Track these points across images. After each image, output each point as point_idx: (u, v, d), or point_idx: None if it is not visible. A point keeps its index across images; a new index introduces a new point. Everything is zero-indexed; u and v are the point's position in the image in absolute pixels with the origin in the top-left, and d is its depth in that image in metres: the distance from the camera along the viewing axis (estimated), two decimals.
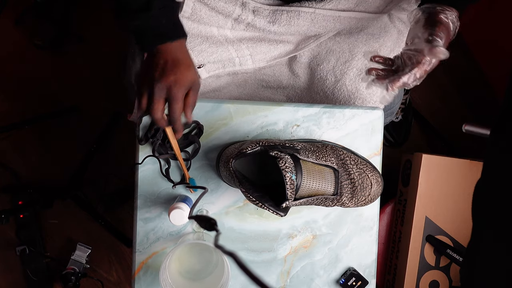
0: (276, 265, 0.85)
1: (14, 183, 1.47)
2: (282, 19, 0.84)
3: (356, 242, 0.86)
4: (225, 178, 0.78)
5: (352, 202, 0.77)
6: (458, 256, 1.14)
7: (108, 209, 1.47)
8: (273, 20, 0.85)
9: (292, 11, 0.84)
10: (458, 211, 1.17)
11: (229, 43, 0.89)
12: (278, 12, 0.84)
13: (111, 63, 1.48)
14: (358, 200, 0.77)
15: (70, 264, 1.33)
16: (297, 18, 0.84)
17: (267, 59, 0.91)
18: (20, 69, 1.51)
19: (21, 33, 1.50)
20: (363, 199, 0.78)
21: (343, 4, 0.84)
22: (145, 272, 0.83)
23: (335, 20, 0.86)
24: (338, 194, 0.75)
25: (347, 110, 0.85)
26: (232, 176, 0.73)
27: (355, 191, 0.77)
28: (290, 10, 0.84)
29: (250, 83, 0.96)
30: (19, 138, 1.49)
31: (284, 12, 0.84)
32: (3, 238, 1.45)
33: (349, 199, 0.76)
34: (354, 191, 0.77)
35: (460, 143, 1.50)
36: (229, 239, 0.84)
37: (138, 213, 0.83)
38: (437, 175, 1.17)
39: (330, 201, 0.75)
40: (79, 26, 1.53)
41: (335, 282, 0.86)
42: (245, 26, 0.87)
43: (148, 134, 0.81)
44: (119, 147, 1.50)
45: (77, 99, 1.50)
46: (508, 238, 0.55)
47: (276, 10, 0.84)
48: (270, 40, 0.90)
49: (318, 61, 0.92)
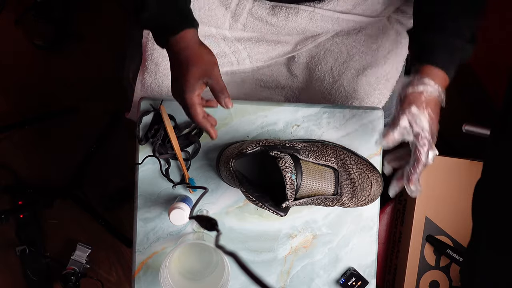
0: (276, 265, 0.85)
1: (14, 183, 1.47)
2: (281, 14, 0.84)
3: (356, 242, 0.86)
4: (225, 178, 0.78)
5: (352, 202, 0.77)
6: (458, 256, 1.14)
7: (108, 209, 1.47)
8: (272, 13, 0.85)
9: (291, 8, 0.84)
10: (458, 211, 1.17)
11: (227, 43, 0.89)
12: (277, 7, 0.85)
13: (111, 63, 1.48)
14: (358, 200, 0.77)
15: (70, 264, 1.33)
16: (295, 15, 0.84)
17: (265, 59, 0.91)
18: (20, 69, 1.51)
19: (21, 33, 1.50)
20: (363, 199, 0.78)
21: (341, 5, 0.84)
22: (145, 272, 0.83)
23: (334, 21, 0.86)
24: (338, 194, 0.75)
25: (347, 110, 0.85)
26: (232, 176, 0.73)
27: (355, 191, 0.77)
28: (289, 7, 0.84)
29: (248, 83, 0.96)
30: (19, 138, 1.49)
31: (283, 8, 0.84)
32: (3, 238, 1.45)
33: (349, 199, 0.76)
34: (354, 191, 0.77)
35: (460, 143, 1.50)
36: (229, 239, 0.84)
37: (138, 213, 0.83)
38: (437, 175, 1.17)
39: (330, 201, 0.75)
40: (79, 26, 1.53)
41: (335, 282, 0.86)
42: (243, 26, 0.87)
43: (148, 134, 0.81)
44: (119, 147, 1.49)
45: (77, 99, 1.50)
46: (508, 238, 0.55)
47: (276, 6, 0.85)
48: (268, 40, 0.90)
49: (316, 62, 0.92)
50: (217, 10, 0.84)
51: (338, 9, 0.84)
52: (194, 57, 0.69)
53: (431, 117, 0.69)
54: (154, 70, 0.89)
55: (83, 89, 1.51)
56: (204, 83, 0.69)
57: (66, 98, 1.50)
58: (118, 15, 1.52)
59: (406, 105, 0.69)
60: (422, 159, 0.70)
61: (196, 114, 0.69)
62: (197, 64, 0.68)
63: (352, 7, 0.85)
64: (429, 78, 0.69)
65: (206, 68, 0.69)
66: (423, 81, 0.69)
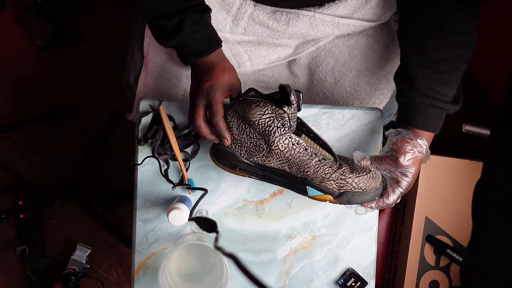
0: (275, 265, 0.85)
1: (14, 183, 1.47)
2: (282, 19, 0.85)
3: (355, 242, 0.85)
4: None
5: (354, 174, 0.76)
6: (458, 256, 1.14)
7: (108, 209, 1.47)
8: (273, 18, 0.85)
9: (292, 13, 0.84)
10: (458, 211, 1.17)
11: (228, 46, 0.89)
12: (278, 12, 0.85)
13: (111, 63, 1.48)
14: (359, 173, 0.76)
15: (70, 264, 1.33)
16: (296, 20, 0.84)
17: (266, 62, 0.91)
18: (20, 69, 1.51)
19: (21, 33, 1.50)
20: (363, 173, 0.76)
21: (341, 10, 0.84)
22: (144, 272, 0.83)
23: (334, 26, 0.86)
24: (338, 162, 0.75)
25: (347, 111, 0.84)
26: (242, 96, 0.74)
27: (354, 167, 0.76)
28: (290, 12, 0.84)
29: (249, 84, 0.96)
30: (19, 138, 1.49)
31: (284, 12, 0.84)
32: (3, 238, 1.45)
33: (349, 171, 0.76)
34: (353, 167, 0.76)
35: (460, 143, 1.50)
36: (229, 240, 0.84)
37: (138, 214, 0.83)
38: (437, 175, 1.17)
39: (328, 166, 0.74)
40: (79, 26, 1.53)
41: (334, 283, 0.86)
42: (244, 30, 0.87)
43: (148, 135, 0.81)
44: (119, 147, 1.50)
45: (77, 99, 1.50)
46: (508, 238, 0.55)
47: (277, 11, 0.85)
48: (268, 43, 0.90)
49: (317, 63, 0.92)
50: (217, 14, 0.85)
51: (338, 13, 0.84)
52: (224, 66, 0.75)
53: (414, 177, 0.76)
54: (155, 72, 0.89)
55: (83, 89, 1.51)
56: (231, 91, 0.74)
57: (66, 98, 1.50)
58: (118, 15, 1.52)
59: (410, 164, 0.75)
60: (388, 202, 0.77)
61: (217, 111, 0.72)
62: (229, 72, 0.75)
63: (352, 12, 0.85)
64: (423, 140, 0.74)
65: (235, 77, 0.75)
66: (418, 143, 0.74)
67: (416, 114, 0.75)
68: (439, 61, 0.74)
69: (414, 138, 0.74)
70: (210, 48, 0.75)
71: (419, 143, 0.74)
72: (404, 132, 0.75)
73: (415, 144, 0.73)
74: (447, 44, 0.74)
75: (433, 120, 0.76)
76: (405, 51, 0.78)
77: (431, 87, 0.74)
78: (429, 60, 0.75)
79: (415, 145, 0.73)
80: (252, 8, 0.84)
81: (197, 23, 0.74)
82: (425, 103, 0.75)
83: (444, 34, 0.74)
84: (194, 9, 0.73)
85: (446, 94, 0.75)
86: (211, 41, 0.76)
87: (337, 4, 0.83)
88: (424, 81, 0.74)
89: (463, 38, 0.74)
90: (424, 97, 0.75)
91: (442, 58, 0.74)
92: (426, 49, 0.75)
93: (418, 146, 0.74)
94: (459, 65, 0.75)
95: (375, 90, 0.92)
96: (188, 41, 0.75)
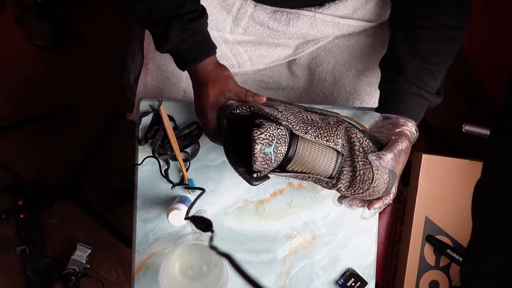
0: (276, 265, 0.85)
1: (14, 183, 1.47)
2: (282, 19, 0.85)
3: (355, 243, 0.85)
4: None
5: (349, 191, 0.72)
6: (458, 256, 1.14)
7: (108, 209, 1.47)
8: (273, 18, 0.85)
9: (292, 13, 0.85)
10: (458, 211, 1.17)
11: (228, 46, 0.89)
12: (278, 12, 0.85)
13: (111, 63, 1.48)
14: (355, 191, 0.71)
15: (70, 264, 1.33)
16: (296, 20, 0.84)
17: (266, 62, 0.91)
18: (20, 69, 1.51)
19: (21, 33, 1.50)
20: (361, 192, 0.71)
21: (341, 10, 0.84)
22: (144, 272, 0.83)
23: (334, 26, 0.86)
24: (335, 178, 0.71)
25: (346, 111, 0.84)
26: (222, 131, 0.73)
27: (354, 181, 0.71)
28: (290, 12, 0.85)
29: (250, 84, 0.96)
30: (19, 138, 1.49)
31: (284, 13, 0.85)
32: (3, 238, 1.45)
33: (346, 187, 0.71)
34: (353, 180, 0.71)
35: (460, 143, 1.49)
36: (229, 240, 0.84)
37: (138, 214, 0.83)
38: (437, 175, 1.17)
39: (324, 183, 0.71)
40: (79, 26, 1.53)
41: (334, 283, 0.86)
42: (244, 30, 0.87)
43: (148, 135, 0.81)
44: (119, 147, 1.49)
45: (76, 99, 1.50)
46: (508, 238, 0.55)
47: (277, 11, 0.85)
48: (269, 43, 0.90)
49: (317, 62, 0.92)
50: (218, 15, 0.84)
51: (338, 13, 0.85)
52: (211, 77, 0.74)
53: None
54: (156, 72, 0.89)
55: (83, 89, 1.51)
56: (225, 98, 0.74)
57: (66, 98, 1.50)
58: (118, 15, 1.52)
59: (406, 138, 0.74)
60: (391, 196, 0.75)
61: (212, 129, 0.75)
62: (215, 84, 0.73)
63: (352, 12, 0.85)
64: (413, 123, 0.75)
65: (222, 85, 0.74)
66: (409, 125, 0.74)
67: (401, 101, 0.75)
68: (428, 52, 0.74)
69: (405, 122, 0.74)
70: (200, 56, 0.74)
71: (409, 126, 0.74)
72: (394, 117, 0.75)
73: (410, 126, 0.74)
74: (439, 37, 0.75)
75: (417, 109, 0.76)
76: (395, 39, 0.78)
77: (418, 77, 0.75)
78: (418, 50, 0.75)
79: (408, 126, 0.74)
80: (253, 8, 0.84)
81: (185, 31, 0.72)
82: (411, 91, 0.74)
83: (436, 27, 0.74)
84: (184, 17, 0.71)
85: (431, 86, 0.75)
86: (202, 49, 0.75)
87: (337, 4, 0.83)
88: (412, 70, 0.75)
89: (454, 32, 0.75)
90: (411, 85, 0.74)
91: (432, 50, 0.75)
92: (417, 40, 0.75)
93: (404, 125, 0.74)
94: (446, 59, 0.76)
95: (375, 90, 0.92)
96: (178, 50, 0.74)
